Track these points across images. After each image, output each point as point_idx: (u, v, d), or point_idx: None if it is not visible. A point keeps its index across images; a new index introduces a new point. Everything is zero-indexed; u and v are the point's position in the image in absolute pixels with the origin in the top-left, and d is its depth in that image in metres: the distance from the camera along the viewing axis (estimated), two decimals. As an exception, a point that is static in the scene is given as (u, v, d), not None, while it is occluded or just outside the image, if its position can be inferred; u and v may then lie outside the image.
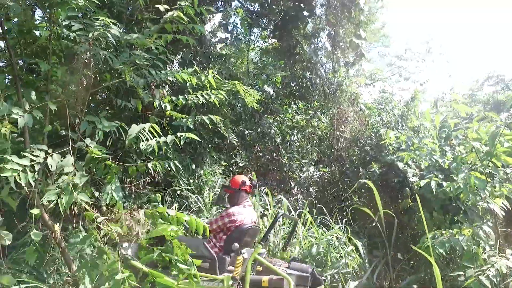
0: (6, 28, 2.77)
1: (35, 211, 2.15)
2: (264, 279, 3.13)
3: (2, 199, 2.24)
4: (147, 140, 2.98)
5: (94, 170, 2.49)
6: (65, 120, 2.83)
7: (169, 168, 3.98)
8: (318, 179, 6.51)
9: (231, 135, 5.22)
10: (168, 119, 5.24)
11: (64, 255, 2.54)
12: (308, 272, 3.24)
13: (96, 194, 2.98)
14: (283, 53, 6.99)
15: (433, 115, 4.99)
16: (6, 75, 3.23)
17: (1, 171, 1.98)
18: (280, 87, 6.48)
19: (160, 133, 3.12)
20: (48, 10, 2.94)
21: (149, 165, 3.49)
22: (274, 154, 6.21)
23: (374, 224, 4.94)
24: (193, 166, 4.67)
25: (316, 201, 6.01)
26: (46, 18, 3.09)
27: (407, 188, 5.50)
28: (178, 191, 4.49)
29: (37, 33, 3.17)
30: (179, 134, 3.14)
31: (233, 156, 5.54)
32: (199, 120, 4.07)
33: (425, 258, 4.56)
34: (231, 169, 5.39)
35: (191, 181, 4.59)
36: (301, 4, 6.47)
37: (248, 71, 6.79)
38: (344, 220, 5.08)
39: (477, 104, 11.91)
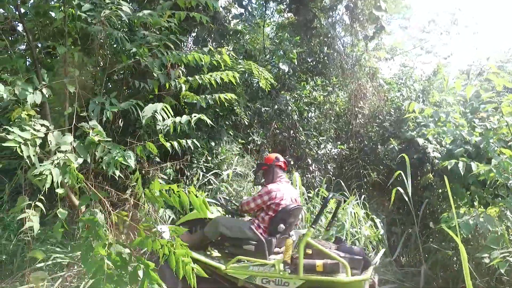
0: (23, 11, 2.80)
1: (60, 191, 2.24)
2: (318, 264, 2.97)
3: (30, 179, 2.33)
4: (163, 120, 3.00)
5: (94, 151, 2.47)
6: (81, 102, 2.88)
7: (186, 146, 4.05)
8: (335, 156, 6.45)
9: (246, 113, 5.20)
10: (184, 98, 5.27)
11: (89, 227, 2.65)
12: (361, 254, 3.10)
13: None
14: (300, 27, 6.80)
15: (464, 88, 4.80)
16: (27, 57, 3.31)
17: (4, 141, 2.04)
18: (296, 63, 6.34)
19: (172, 113, 3.13)
20: (60, -9, 2.94)
21: (168, 144, 3.55)
22: (291, 131, 6.17)
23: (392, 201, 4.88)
24: (212, 144, 4.71)
25: (334, 178, 6.00)
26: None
27: (427, 164, 5.39)
28: (195, 168, 4.56)
29: (53, 14, 3.19)
30: (193, 115, 3.16)
31: (250, 133, 5.54)
32: (214, 99, 4.08)
33: (444, 237, 4.53)
34: (248, 146, 5.41)
35: (209, 158, 4.64)
36: (318, -25, 6.23)
37: (264, 47, 6.68)
38: (363, 196, 5.07)
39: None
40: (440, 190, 5.43)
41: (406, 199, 4.54)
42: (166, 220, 4.20)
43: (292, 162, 6.09)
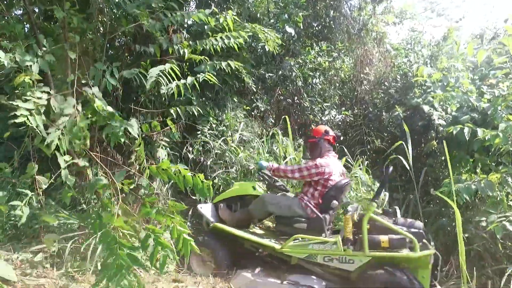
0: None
1: (66, 158, 2.28)
2: (384, 239, 2.81)
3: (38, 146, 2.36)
4: (167, 84, 2.97)
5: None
6: (83, 69, 2.85)
7: (190, 113, 4.04)
8: (340, 123, 6.42)
9: (250, 81, 5.13)
10: (188, 64, 5.19)
11: (98, 195, 2.73)
12: (421, 228, 2.97)
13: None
14: (305, -11, 6.52)
15: (475, 52, 4.66)
16: (25, 23, 3.23)
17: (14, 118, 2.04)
18: (301, 27, 6.15)
19: (179, 74, 3.09)
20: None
21: (171, 110, 3.54)
22: (296, 98, 6.11)
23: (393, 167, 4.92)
24: (216, 111, 4.69)
25: (338, 144, 6.01)
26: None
27: (432, 131, 5.37)
28: (200, 135, 4.58)
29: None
30: (198, 75, 3.12)
31: (254, 100, 5.50)
32: (219, 66, 4.01)
33: (444, 203, 4.60)
34: (252, 113, 5.39)
35: (214, 125, 4.64)
36: None
37: (268, 10, 6.46)
38: (366, 163, 5.11)
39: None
40: (443, 157, 5.45)
41: (407, 166, 4.57)
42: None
43: (296, 128, 6.10)
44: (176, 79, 3.13)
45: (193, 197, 4.23)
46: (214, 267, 3.33)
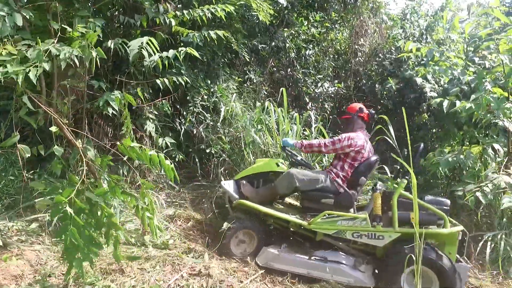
0: None
1: (53, 129, 2.30)
2: (413, 216, 2.74)
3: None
4: (149, 56, 2.93)
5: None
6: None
7: (180, 83, 4.01)
8: (332, 95, 6.42)
9: (243, 51, 5.07)
10: (178, 35, 5.10)
11: (89, 166, 2.77)
12: (448, 205, 2.99)
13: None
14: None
15: (463, 24, 4.60)
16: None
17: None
18: (296, -4, 6.01)
19: (157, 48, 3.02)
20: None
21: (158, 81, 3.52)
22: (289, 69, 6.07)
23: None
24: (208, 82, 4.67)
25: (331, 117, 6.04)
26: None
27: (423, 104, 5.40)
28: (192, 108, 4.59)
29: None
30: (180, 49, 3.07)
31: (247, 71, 5.46)
32: (210, 36, 3.94)
33: (433, 176, 4.69)
34: (245, 85, 5.37)
35: (206, 97, 4.64)
36: None
37: (262, -22, 6.26)
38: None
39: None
40: (434, 130, 5.52)
41: (390, 141, 4.65)
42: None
43: (289, 100, 6.09)
44: (158, 51, 3.08)
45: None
46: (252, 248, 3.30)
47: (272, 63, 5.98)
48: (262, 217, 3.38)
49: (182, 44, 5.15)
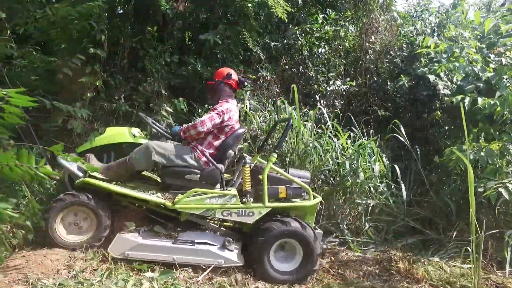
0: None
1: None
2: (282, 190, 2.88)
3: None
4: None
5: None
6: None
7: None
8: (344, 93, 6.41)
9: (257, 49, 5.08)
10: (191, 32, 5.12)
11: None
12: (309, 178, 3.11)
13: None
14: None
15: (483, 20, 4.59)
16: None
17: None
18: (307, -6, 6.01)
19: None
20: None
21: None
22: (301, 67, 6.06)
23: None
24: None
25: (341, 114, 6.04)
26: None
27: (436, 101, 5.39)
28: (207, 105, 4.59)
29: None
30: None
31: (259, 69, 5.45)
32: (227, 34, 3.95)
33: (446, 172, 4.70)
34: (257, 82, 5.37)
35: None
36: None
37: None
38: (371, 131, 5.17)
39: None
40: (446, 127, 5.52)
41: (402, 139, 4.66)
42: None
43: (300, 97, 6.09)
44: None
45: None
46: (92, 233, 2.73)
47: (284, 61, 5.97)
48: (113, 196, 2.90)
49: (192, 43, 5.18)
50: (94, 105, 4.18)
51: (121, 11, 4.83)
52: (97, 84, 4.05)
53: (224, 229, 3.15)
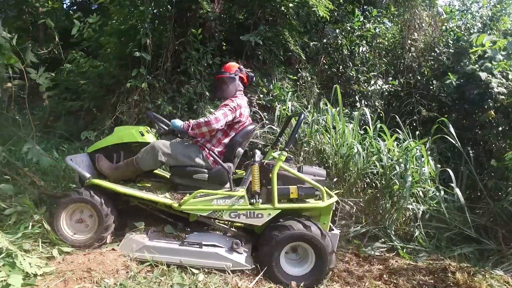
0: None
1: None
2: (293, 190, 2.68)
3: None
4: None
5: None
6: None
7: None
8: (386, 93, 6.19)
9: (298, 49, 5.00)
10: (232, 32, 5.10)
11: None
12: (324, 175, 2.86)
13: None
14: None
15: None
16: None
17: None
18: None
19: None
20: None
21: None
22: (341, 67, 5.92)
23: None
24: (264, 80, 4.64)
25: (381, 114, 5.84)
26: None
27: (489, 100, 5.06)
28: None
29: None
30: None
31: (299, 69, 5.37)
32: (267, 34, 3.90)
33: (501, 175, 4.39)
34: (298, 83, 5.29)
35: (261, 96, 4.61)
36: None
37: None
38: (417, 133, 4.94)
39: None
40: (500, 128, 5.17)
41: (452, 140, 4.38)
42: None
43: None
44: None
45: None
46: (95, 230, 2.69)
47: (323, 60, 5.84)
48: (122, 196, 2.82)
49: (234, 43, 5.16)
50: (139, 107, 4.26)
51: (164, 14, 4.91)
52: (142, 86, 4.11)
53: (235, 230, 2.99)
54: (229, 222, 2.92)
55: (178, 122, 2.88)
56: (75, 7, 8.50)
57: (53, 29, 4.25)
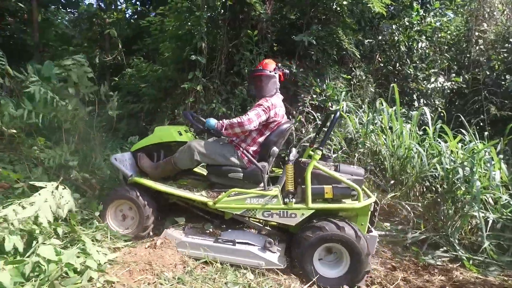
0: None
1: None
2: (327, 190, 2.61)
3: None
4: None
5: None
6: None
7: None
8: (448, 90, 5.77)
9: (352, 48, 4.84)
10: (284, 32, 5.09)
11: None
12: (363, 175, 2.75)
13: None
14: None
15: None
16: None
17: None
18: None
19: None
20: None
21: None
22: (397, 64, 5.63)
23: None
24: (318, 80, 4.58)
25: (443, 114, 5.45)
26: None
27: None
28: (301, 107, 4.53)
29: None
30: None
31: (353, 68, 5.21)
32: (320, 34, 3.83)
33: None
34: (352, 82, 5.13)
35: (314, 96, 4.55)
36: None
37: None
38: (485, 133, 4.53)
39: None
40: None
41: None
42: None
43: (394, 96, 5.65)
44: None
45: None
46: (138, 224, 2.86)
47: (379, 58, 5.60)
48: (163, 193, 2.90)
49: (286, 44, 5.15)
50: (195, 108, 4.43)
51: (218, 18, 5.05)
52: (197, 89, 4.26)
53: (269, 228, 2.99)
54: (263, 221, 2.93)
55: (212, 121, 2.89)
56: (135, 16, 9.09)
57: (117, 38, 4.57)
